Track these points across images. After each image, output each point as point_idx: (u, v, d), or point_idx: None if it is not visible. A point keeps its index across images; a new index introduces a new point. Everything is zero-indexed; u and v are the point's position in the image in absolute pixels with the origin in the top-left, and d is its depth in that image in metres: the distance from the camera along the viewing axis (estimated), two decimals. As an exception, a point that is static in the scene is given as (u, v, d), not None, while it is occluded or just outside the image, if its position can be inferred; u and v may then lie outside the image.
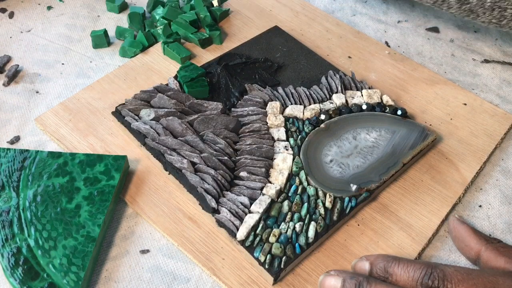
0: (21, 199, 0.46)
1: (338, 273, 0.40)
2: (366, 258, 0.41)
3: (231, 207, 0.46)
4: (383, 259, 0.40)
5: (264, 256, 0.43)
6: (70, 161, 0.48)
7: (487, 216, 0.51)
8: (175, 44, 0.61)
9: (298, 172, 0.49)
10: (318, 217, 0.46)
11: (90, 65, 0.61)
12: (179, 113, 0.52)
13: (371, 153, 0.51)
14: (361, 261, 0.41)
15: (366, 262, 0.41)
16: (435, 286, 0.37)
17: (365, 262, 0.41)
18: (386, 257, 0.40)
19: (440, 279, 0.37)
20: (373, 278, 0.39)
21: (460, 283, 0.37)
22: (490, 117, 0.58)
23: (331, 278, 0.40)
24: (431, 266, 0.38)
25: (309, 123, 0.53)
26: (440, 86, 0.61)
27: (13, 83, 0.59)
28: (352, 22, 0.70)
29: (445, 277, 0.37)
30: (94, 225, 0.45)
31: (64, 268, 0.42)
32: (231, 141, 0.51)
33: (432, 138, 0.53)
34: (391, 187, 0.51)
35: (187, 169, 0.48)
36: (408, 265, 0.39)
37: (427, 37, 0.69)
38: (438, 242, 0.49)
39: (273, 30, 0.64)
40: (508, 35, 0.70)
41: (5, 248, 0.43)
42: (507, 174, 0.54)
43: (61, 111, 0.55)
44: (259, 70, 0.59)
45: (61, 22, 0.66)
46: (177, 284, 0.44)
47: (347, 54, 0.64)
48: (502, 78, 0.64)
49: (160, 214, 0.48)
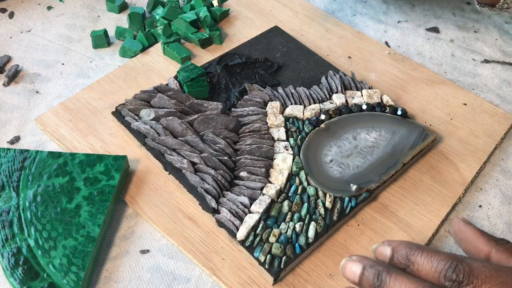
0: (21, 199, 0.46)
1: (359, 259, 0.38)
2: (389, 243, 0.38)
3: (231, 207, 0.46)
4: (406, 246, 0.38)
5: (264, 256, 0.43)
6: (70, 161, 0.48)
7: (487, 216, 0.51)
8: (175, 44, 0.61)
9: (298, 172, 0.49)
10: (318, 217, 0.46)
11: (90, 65, 0.61)
12: (179, 113, 0.52)
13: (371, 153, 0.51)
14: (382, 245, 0.39)
15: (388, 247, 0.38)
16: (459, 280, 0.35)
17: (387, 247, 0.38)
18: (410, 244, 0.38)
19: (465, 274, 0.35)
20: (393, 268, 0.37)
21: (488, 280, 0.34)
22: (490, 117, 0.58)
23: (352, 264, 0.38)
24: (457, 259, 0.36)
25: (309, 123, 0.53)
26: (440, 86, 0.61)
27: (13, 83, 0.59)
28: (352, 22, 0.70)
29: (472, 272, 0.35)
30: (94, 225, 0.45)
31: (64, 268, 0.42)
32: (231, 141, 0.51)
33: (432, 138, 0.53)
34: (391, 187, 0.51)
35: (187, 169, 0.48)
36: (432, 255, 0.36)
37: (427, 37, 0.69)
38: (438, 242, 0.49)
39: (273, 30, 0.64)
40: (508, 35, 0.70)
41: (5, 248, 0.43)
42: (507, 174, 0.54)
43: (61, 111, 0.55)
44: (259, 70, 0.59)
45: (61, 22, 0.66)
46: (177, 284, 0.44)
47: (347, 54, 0.64)
48: (502, 78, 0.64)
49: (160, 214, 0.48)
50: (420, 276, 0.37)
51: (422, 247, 0.38)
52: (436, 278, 0.36)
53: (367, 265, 0.37)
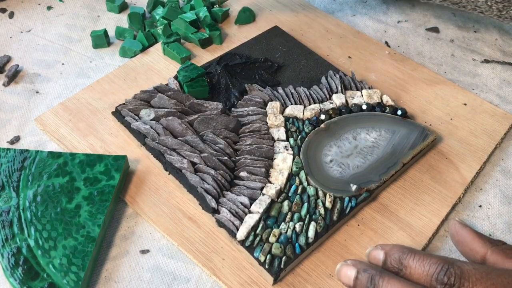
0: (21, 199, 0.46)
1: (353, 264, 0.39)
2: (382, 247, 0.39)
3: (231, 207, 0.46)
4: (399, 250, 0.39)
5: (264, 256, 0.43)
6: (70, 161, 0.48)
7: (487, 216, 0.51)
8: (175, 44, 0.61)
9: (298, 172, 0.49)
10: (318, 217, 0.46)
11: (90, 65, 0.61)
12: (179, 113, 0.52)
13: (371, 153, 0.51)
14: (376, 249, 0.40)
15: (381, 251, 0.39)
16: (451, 283, 0.36)
17: (380, 251, 0.39)
18: (402, 248, 0.39)
19: (457, 277, 0.35)
20: (386, 272, 0.38)
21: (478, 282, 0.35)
22: (490, 117, 0.58)
23: (347, 268, 0.39)
24: (448, 261, 0.37)
25: (309, 123, 0.53)
26: (440, 86, 0.61)
27: (13, 83, 0.59)
28: (352, 22, 0.70)
29: (463, 275, 0.36)
30: (94, 225, 0.45)
31: (64, 268, 0.42)
32: (231, 141, 0.51)
33: (432, 138, 0.53)
34: (391, 187, 0.51)
35: (187, 169, 0.48)
36: (424, 259, 0.37)
37: (427, 37, 0.69)
38: (438, 242, 0.49)
39: (273, 30, 0.64)
40: (508, 35, 0.70)
41: (5, 248, 0.43)
42: (507, 174, 0.54)
43: (61, 111, 0.55)
44: (259, 70, 0.59)
45: (61, 22, 0.66)
46: (177, 284, 0.44)
47: (347, 54, 0.64)
48: (502, 78, 0.64)
49: (160, 214, 0.48)
50: (413, 279, 0.38)
51: (414, 251, 0.38)
52: (428, 281, 0.37)
53: (361, 269, 0.38)
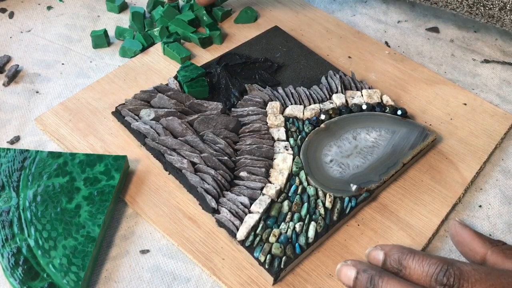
0: (21, 199, 0.46)
1: (353, 264, 0.39)
2: (381, 248, 0.40)
3: (231, 207, 0.46)
4: (398, 250, 0.39)
5: (264, 256, 0.43)
6: (70, 161, 0.48)
7: (487, 216, 0.51)
8: (175, 44, 0.61)
9: (298, 172, 0.49)
10: (318, 217, 0.46)
11: (90, 65, 0.61)
12: (179, 113, 0.52)
13: (371, 153, 0.51)
14: (375, 250, 0.40)
15: (380, 252, 0.39)
16: (450, 284, 0.36)
17: (379, 251, 0.39)
18: (402, 249, 0.39)
19: (456, 277, 0.36)
20: (385, 272, 0.38)
21: (478, 283, 0.35)
22: (490, 117, 0.58)
23: (347, 268, 0.39)
24: (447, 262, 0.37)
25: (309, 123, 0.53)
26: (440, 86, 0.61)
27: (13, 83, 0.59)
28: (352, 22, 0.70)
29: (462, 276, 0.36)
30: (94, 225, 0.45)
31: (64, 268, 0.42)
32: (231, 141, 0.51)
33: (432, 138, 0.53)
34: (391, 187, 0.51)
35: (187, 169, 0.48)
36: (424, 259, 0.37)
37: (427, 37, 0.69)
38: (438, 242, 0.49)
39: (273, 30, 0.64)
40: (508, 35, 0.70)
41: (5, 248, 0.43)
42: (507, 174, 0.54)
43: (61, 111, 0.55)
44: (259, 70, 0.59)
45: (61, 22, 0.66)
46: (177, 284, 0.44)
47: (347, 54, 0.64)
48: (502, 78, 0.64)
49: (160, 214, 0.48)
50: (412, 280, 0.38)
51: (414, 251, 0.39)
52: (428, 282, 0.37)
53: (361, 270, 0.38)
